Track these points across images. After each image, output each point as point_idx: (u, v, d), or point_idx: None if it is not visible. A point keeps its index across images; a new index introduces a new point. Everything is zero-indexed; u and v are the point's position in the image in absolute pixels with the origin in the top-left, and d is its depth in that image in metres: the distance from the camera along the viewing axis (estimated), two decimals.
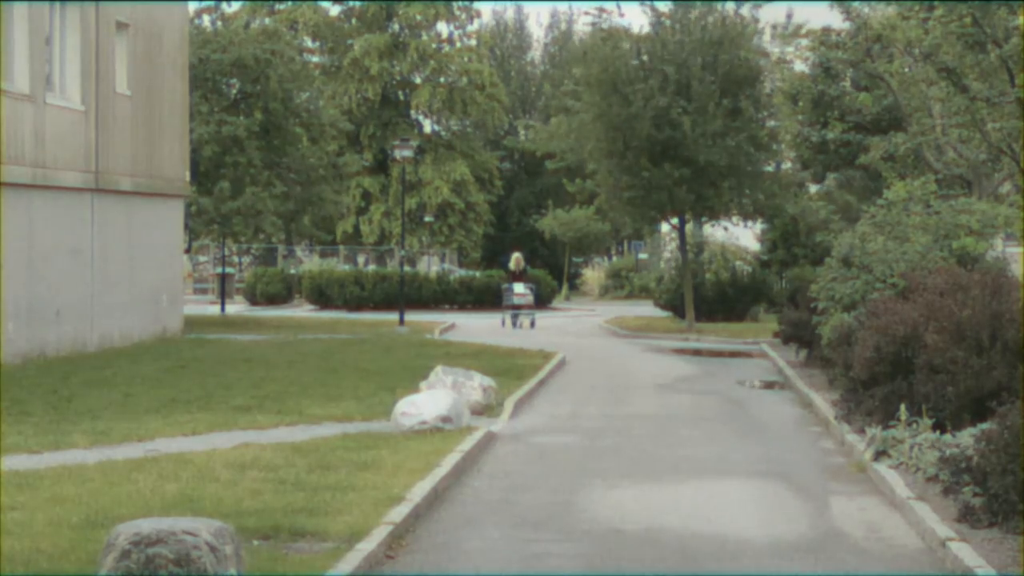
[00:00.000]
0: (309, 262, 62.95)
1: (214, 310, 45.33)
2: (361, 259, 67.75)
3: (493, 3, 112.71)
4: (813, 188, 45.02)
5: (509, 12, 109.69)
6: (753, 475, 14.55)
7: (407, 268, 53.81)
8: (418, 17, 70.22)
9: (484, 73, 69.62)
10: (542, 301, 51.33)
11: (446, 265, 65.62)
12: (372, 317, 43.37)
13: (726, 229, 42.46)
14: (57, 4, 27.02)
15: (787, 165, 42.93)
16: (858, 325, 18.38)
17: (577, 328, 40.58)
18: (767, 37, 39.86)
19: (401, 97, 72.32)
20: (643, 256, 70.21)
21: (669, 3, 37.17)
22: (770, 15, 39.68)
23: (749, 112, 35.44)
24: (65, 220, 26.81)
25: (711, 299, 41.50)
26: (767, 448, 16.56)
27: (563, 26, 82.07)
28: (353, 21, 72.02)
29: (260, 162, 39.52)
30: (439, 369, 19.75)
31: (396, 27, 71.22)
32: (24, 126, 25.12)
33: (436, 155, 69.91)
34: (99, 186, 28.09)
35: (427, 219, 68.80)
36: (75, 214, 27.27)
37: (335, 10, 73.18)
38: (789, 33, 40.12)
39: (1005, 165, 29.63)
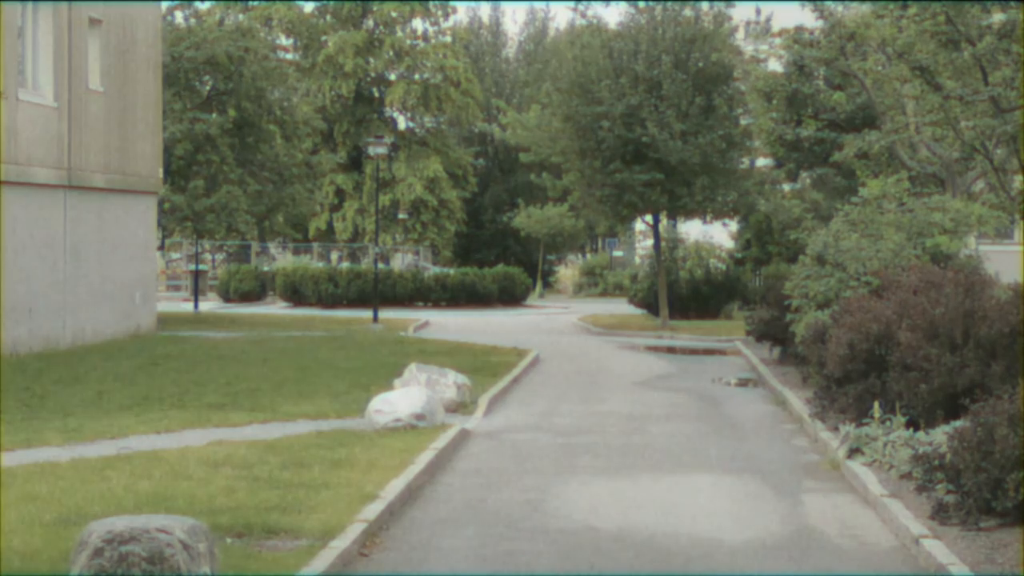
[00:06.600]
0: (282, 259, 62.86)
1: (187, 307, 45.18)
2: (334, 256, 67.73)
3: (469, 2, 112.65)
4: (787, 187, 45.12)
5: (484, 9, 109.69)
6: (727, 472, 14.57)
7: (381, 265, 53.74)
8: (393, 14, 70.15)
9: (459, 69, 69.60)
10: (516, 299, 51.24)
11: (420, 262, 65.57)
12: (346, 314, 43.29)
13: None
14: (29, 1, 26.87)
15: (762, 161, 42.97)
16: (832, 323, 18.41)
17: (551, 326, 40.58)
18: (740, 35, 39.88)
19: (375, 94, 72.24)
20: (618, 254, 70.29)
21: (643, 1, 37.14)
22: (742, 13, 39.70)
23: (723, 109, 35.45)
24: (38, 217, 26.67)
25: (685, 296, 41.58)
26: (741, 445, 16.59)
27: (538, 23, 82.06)
28: (328, 18, 71.91)
29: (233, 160, 39.44)
30: (413, 366, 19.73)
31: (371, 24, 71.13)
32: None
33: (410, 152, 69.88)
34: (72, 183, 27.96)
35: (400, 216, 68.77)
36: (48, 211, 27.13)
37: (309, 7, 73.08)
38: (761, 31, 40.13)
39: (978, 163, 29.73)
